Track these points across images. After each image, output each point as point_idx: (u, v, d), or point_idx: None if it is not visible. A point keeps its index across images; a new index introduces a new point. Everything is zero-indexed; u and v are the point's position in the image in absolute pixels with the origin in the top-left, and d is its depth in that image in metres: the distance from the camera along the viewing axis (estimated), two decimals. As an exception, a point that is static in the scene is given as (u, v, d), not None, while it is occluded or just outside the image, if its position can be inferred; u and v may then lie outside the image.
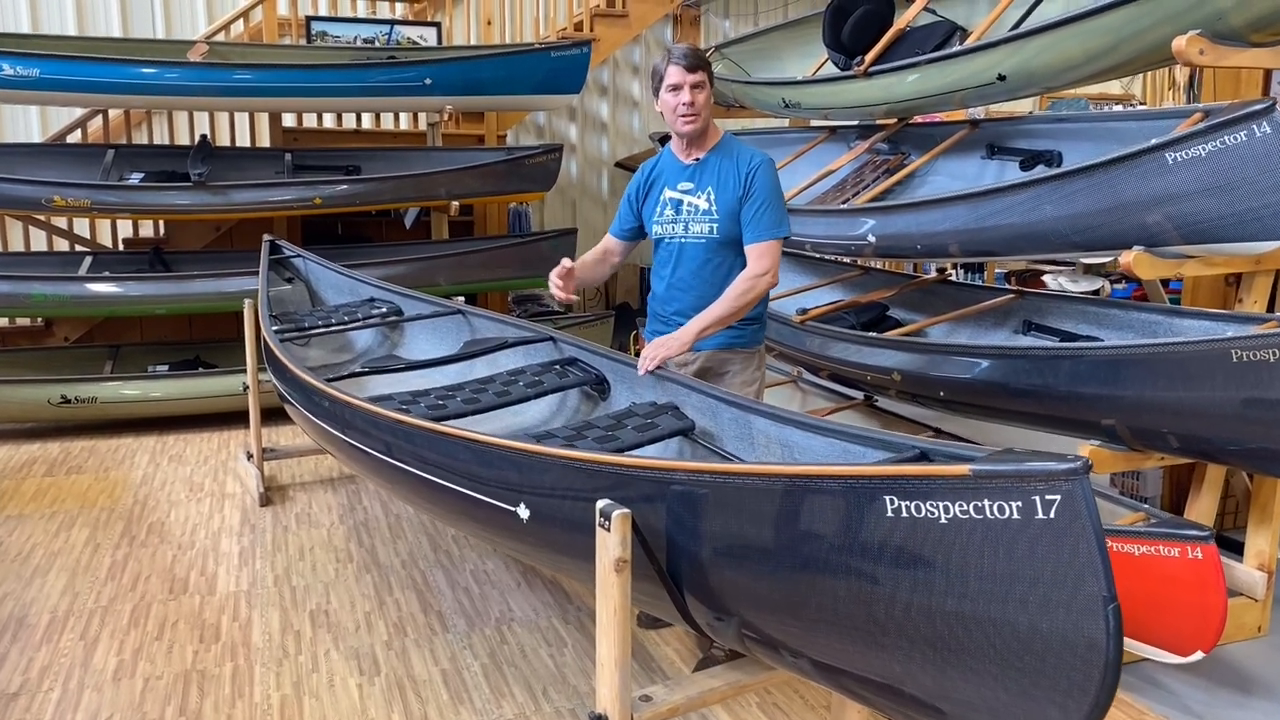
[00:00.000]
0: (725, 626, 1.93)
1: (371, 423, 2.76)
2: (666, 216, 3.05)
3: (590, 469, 1.96)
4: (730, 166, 2.96)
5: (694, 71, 2.89)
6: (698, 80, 2.90)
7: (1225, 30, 2.84)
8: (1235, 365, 2.65)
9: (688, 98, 2.90)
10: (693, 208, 2.99)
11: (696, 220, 2.98)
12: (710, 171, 2.99)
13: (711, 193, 2.96)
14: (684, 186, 3.03)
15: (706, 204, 2.97)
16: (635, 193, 3.18)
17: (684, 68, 2.89)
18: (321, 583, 3.69)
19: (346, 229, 7.44)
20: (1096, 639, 1.32)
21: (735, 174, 2.95)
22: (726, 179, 2.95)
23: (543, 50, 6.47)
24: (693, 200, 2.99)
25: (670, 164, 3.10)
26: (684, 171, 3.04)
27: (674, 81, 2.91)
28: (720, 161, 2.99)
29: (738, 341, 3.04)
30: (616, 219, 3.27)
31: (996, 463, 1.39)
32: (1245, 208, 2.68)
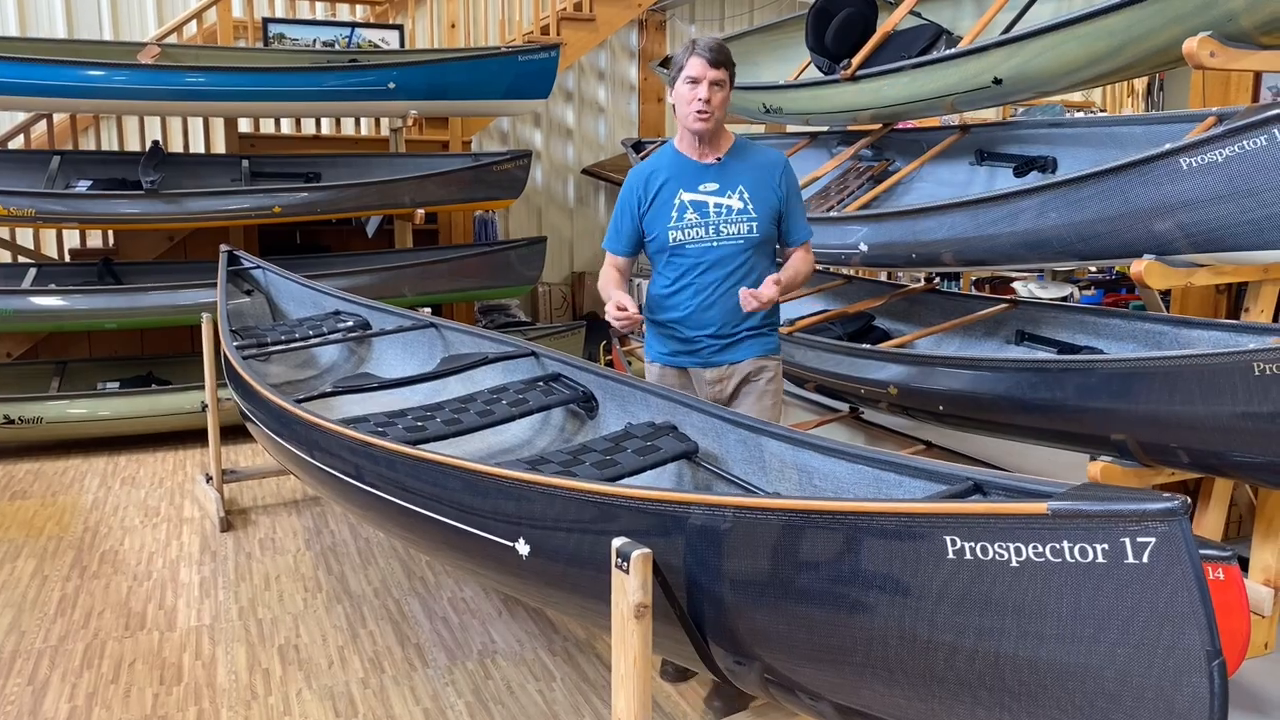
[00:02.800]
0: (748, 672, 1.77)
1: (350, 449, 2.56)
2: (689, 220, 2.82)
3: (603, 502, 1.79)
4: (759, 166, 2.83)
5: (716, 68, 2.71)
6: (718, 77, 2.72)
7: (1235, 32, 2.75)
8: (1258, 378, 2.55)
9: (704, 94, 2.72)
10: (724, 209, 2.79)
11: (730, 221, 2.79)
12: (738, 170, 2.82)
13: (745, 192, 2.79)
14: (708, 187, 2.82)
15: (741, 203, 2.78)
16: (635, 201, 2.92)
17: (707, 61, 2.70)
18: (290, 614, 3.47)
19: (305, 238, 7.20)
20: (1200, 697, 1.19)
21: (768, 173, 2.81)
22: (760, 178, 2.81)
23: (510, 54, 6.29)
24: (722, 200, 2.79)
25: (681, 164, 2.87)
26: (703, 171, 2.84)
27: (693, 74, 2.72)
28: (745, 161, 2.84)
29: (771, 348, 2.95)
30: (614, 235, 3.00)
31: (1078, 500, 1.25)
32: (1262, 215, 2.59)
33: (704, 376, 2.91)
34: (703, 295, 2.84)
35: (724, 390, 2.92)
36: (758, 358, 2.91)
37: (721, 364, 2.89)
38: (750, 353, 2.89)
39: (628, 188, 2.94)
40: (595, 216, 9.33)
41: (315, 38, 6.68)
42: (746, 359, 2.89)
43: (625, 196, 2.94)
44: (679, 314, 2.88)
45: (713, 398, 2.90)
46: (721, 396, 2.92)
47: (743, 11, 9.67)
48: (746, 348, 2.89)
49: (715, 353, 2.88)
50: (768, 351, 2.93)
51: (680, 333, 2.90)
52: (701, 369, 2.90)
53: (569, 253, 9.23)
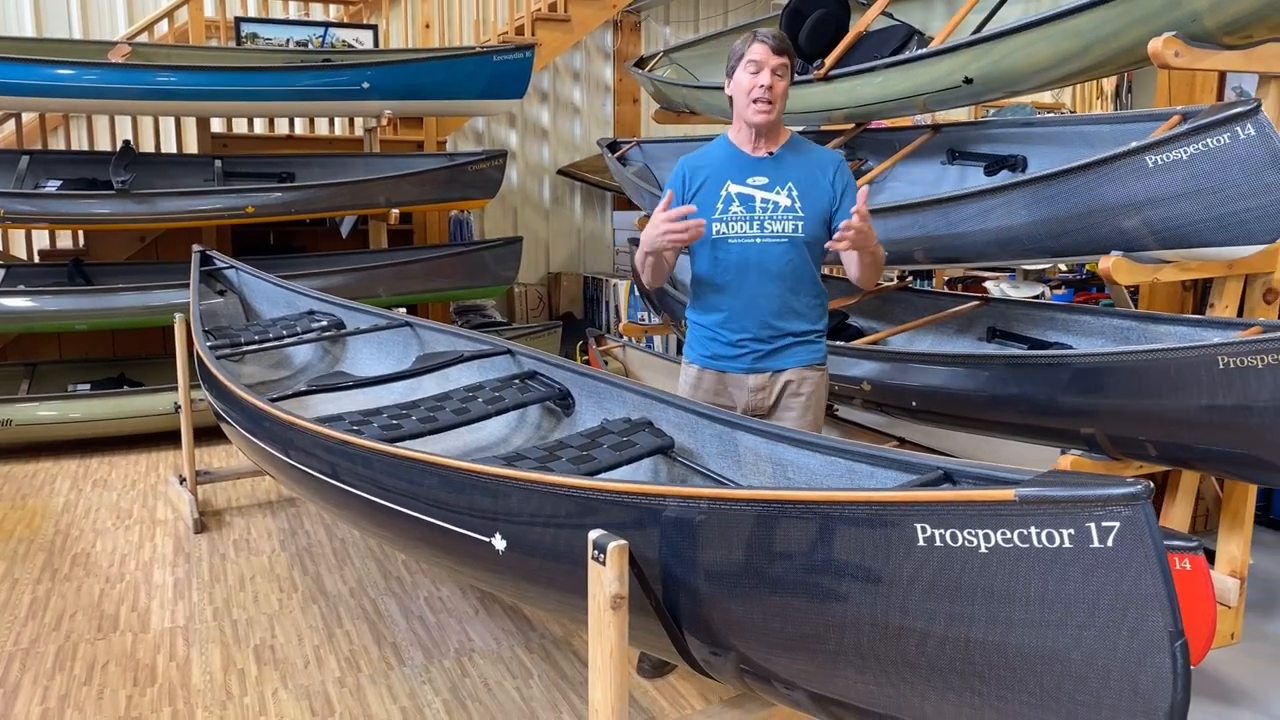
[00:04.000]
0: (723, 662, 1.79)
1: (326, 447, 2.55)
2: (733, 213, 2.67)
3: (579, 495, 1.80)
4: (812, 165, 2.70)
5: (780, 54, 2.57)
6: (781, 64, 2.58)
7: (1199, 32, 2.80)
8: (1223, 372, 2.60)
9: (767, 80, 2.57)
10: (770, 204, 2.65)
11: (776, 218, 2.65)
12: (790, 167, 2.69)
13: (794, 189, 2.66)
14: (756, 181, 2.68)
15: (789, 200, 2.65)
16: (680, 188, 2.76)
17: (770, 48, 2.56)
18: (265, 615, 3.46)
19: (279, 238, 7.15)
20: (1163, 677, 1.21)
21: (821, 173, 2.69)
22: (812, 177, 2.68)
23: (485, 54, 6.28)
24: (769, 196, 2.66)
25: (730, 156, 2.73)
26: (754, 165, 2.70)
27: (756, 58, 2.58)
28: (799, 158, 2.71)
29: (818, 357, 2.80)
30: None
31: (1045, 487, 1.27)
32: (1227, 211, 2.64)
33: (746, 383, 2.75)
34: (745, 295, 2.69)
35: (765, 401, 2.77)
36: (802, 367, 2.75)
37: (764, 371, 2.74)
38: (795, 361, 2.75)
39: (675, 174, 2.81)
40: (571, 217, 9.34)
41: (288, 37, 6.64)
42: (790, 368, 2.75)
43: (672, 183, 2.81)
44: (720, 313, 2.75)
45: (751, 408, 2.77)
46: (762, 408, 2.78)
47: (717, 13, 9.71)
48: (791, 355, 2.74)
49: (759, 359, 2.73)
50: (813, 361, 2.78)
51: (721, 334, 2.76)
52: (743, 375, 2.75)
53: (545, 253, 9.23)
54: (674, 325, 5.08)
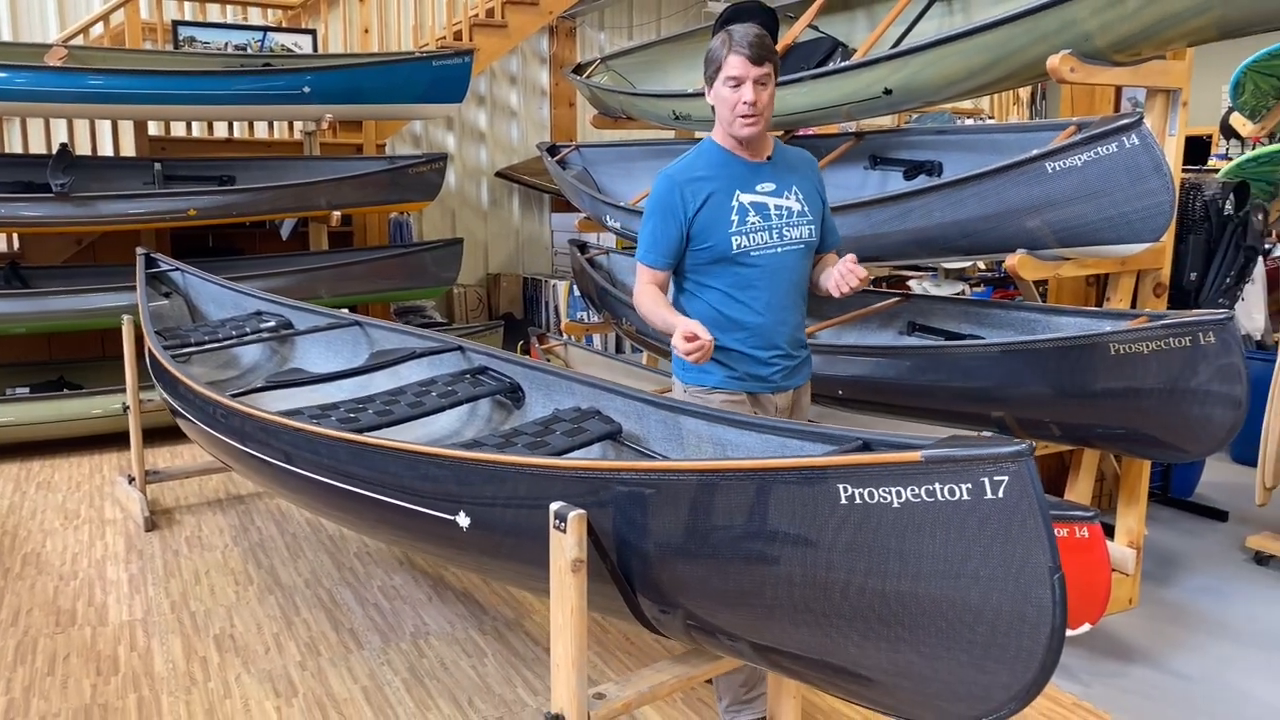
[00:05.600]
0: (672, 619, 1.98)
1: (294, 439, 2.69)
2: (752, 224, 2.49)
3: (539, 473, 1.98)
4: (800, 166, 2.61)
5: (760, 64, 2.39)
6: (763, 74, 2.41)
7: (1091, 50, 3.09)
8: (1114, 358, 2.88)
9: (750, 96, 2.40)
10: (785, 210, 2.52)
11: (792, 224, 2.52)
12: (789, 170, 2.57)
13: (798, 193, 2.54)
14: (765, 188, 2.52)
15: (798, 204, 2.53)
16: (680, 206, 2.50)
17: (748, 58, 2.38)
18: (223, 606, 3.56)
19: (219, 241, 7.17)
20: (1045, 605, 1.44)
21: (809, 173, 2.61)
22: (805, 180, 2.58)
23: (424, 59, 6.40)
24: (780, 202, 2.52)
25: (729, 163, 2.52)
26: (758, 171, 2.53)
27: (735, 74, 2.40)
28: (789, 161, 2.60)
29: (810, 368, 2.74)
30: (654, 247, 2.56)
31: (946, 448, 1.49)
32: (1117, 213, 2.92)
33: (774, 403, 2.59)
34: (772, 309, 2.53)
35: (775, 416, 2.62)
36: (808, 382, 2.71)
37: (788, 388, 2.62)
38: (806, 376, 2.68)
39: (666, 193, 2.53)
40: (509, 219, 9.47)
41: (227, 41, 6.68)
42: (802, 383, 2.67)
43: (665, 203, 2.53)
44: (745, 332, 2.53)
45: None
46: None
47: (650, 20, 9.93)
48: (805, 370, 2.66)
49: (786, 375, 2.59)
50: (810, 374, 2.74)
51: (748, 353, 2.54)
52: (772, 395, 2.59)
53: (484, 254, 9.35)
54: (615, 324, 5.27)
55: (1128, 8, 2.94)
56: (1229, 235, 4.19)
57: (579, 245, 5.80)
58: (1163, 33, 2.96)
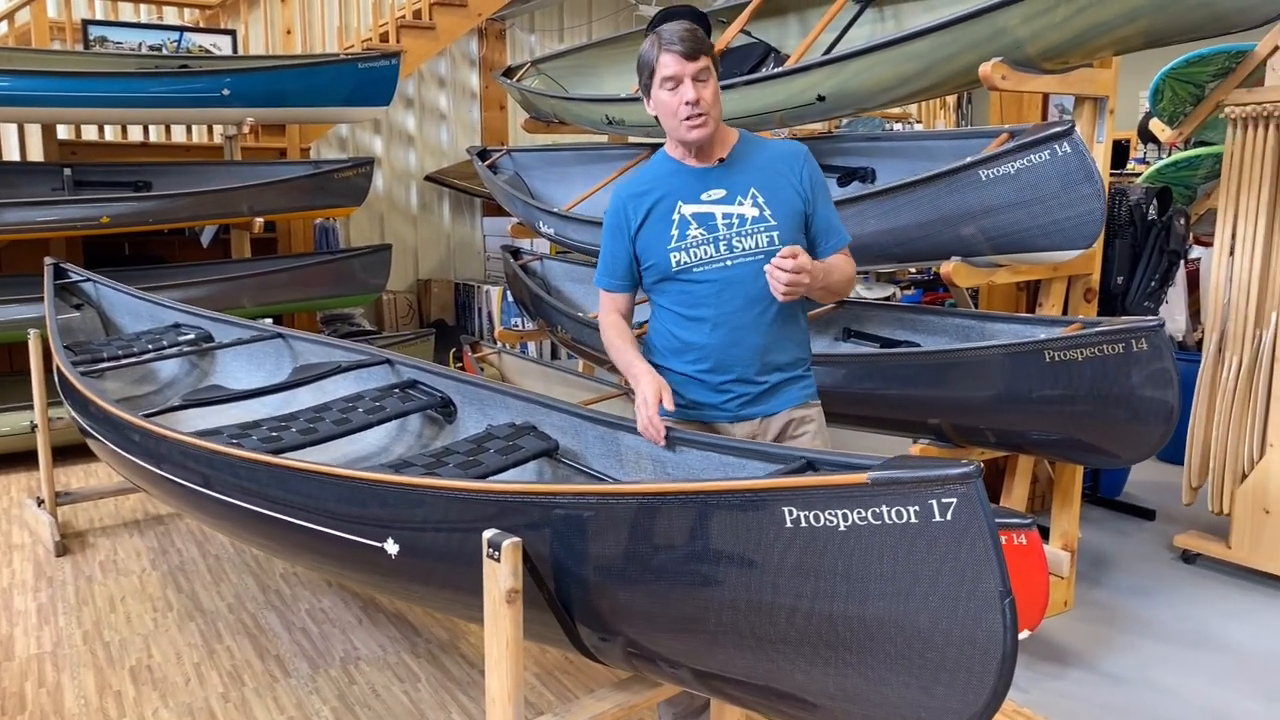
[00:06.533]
0: (612, 647, 1.92)
1: (209, 461, 2.56)
2: (693, 238, 2.27)
3: (471, 498, 1.90)
4: (772, 164, 2.30)
5: (694, 58, 2.18)
6: (700, 69, 2.19)
7: (1022, 58, 3.10)
8: (1048, 365, 2.89)
9: (690, 94, 2.18)
10: (735, 219, 2.26)
11: (745, 233, 2.25)
12: (746, 171, 2.29)
13: (758, 195, 2.26)
14: (712, 195, 2.28)
15: (755, 210, 2.25)
16: (624, 221, 2.36)
17: (681, 54, 2.18)
18: (139, 635, 3.39)
19: (135, 249, 6.90)
20: (995, 631, 1.40)
21: (784, 171, 2.30)
22: (774, 178, 2.28)
23: (349, 61, 6.24)
24: (731, 209, 2.26)
25: (675, 172, 2.33)
26: (703, 178, 2.30)
27: (670, 73, 2.19)
28: (753, 159, 2.31)
29: (810, 393, 2.43)
30: (606, 268, 2.42)
31: (893, 470, 1.45)
32: (1049, 220, 2.93)
33: (732, 433, 2.35)
34: (721, 330, 2.29)
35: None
36: (796, 407, 2.38)
37: (752, 417, 2.35)
38: (787, 402, 2.37)
39: (613, 208, 2.40)
40: (439, 223, 9.31)
41: (140, 41, 6.43)
42: (783, 410, 2.36)
43: (612, 221, 2.40)
44: (694, 354, 2.33)
45: None
46: None
47: (581, 23, 9.86)
48: (783, 395, 2.36)
49: (746, 403, 2.34)
50: (806, 398, 2.41)
51: (696, 377, 2.34)
52: (730, 424, 2.35)
53: (414, 260, 9.18)
54: (550, 331, 5.19)
55: (1057, 16, 2.96)
56: (1153, 240, 4.26)
57: (512, 251, 5.70)
58: (1092, 41, 2.98)
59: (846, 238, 2.39)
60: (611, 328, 2.42)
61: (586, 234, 4.56)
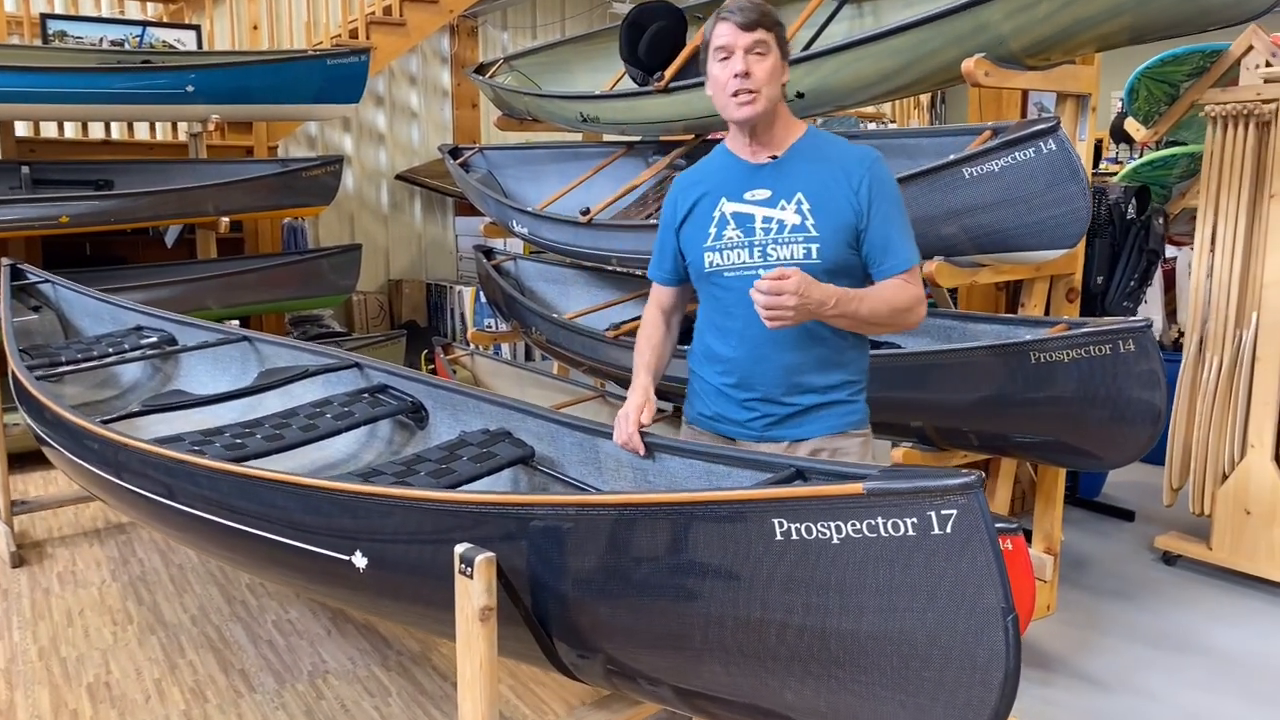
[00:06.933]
0: (591, 664, 1.83)
1: (168, 469, 2.44)
2: (728, 239, 2.10)
3: (443, 509, 1.81)
4: (829, 168, 2.08)
5: (751, 29, 2.00)
6: (756, 41, 2.01)
7: (1005, 54, 3.05)
8: (1034, 366, 2.84)
9: (740, 66, 2.00)
10: (774, 224, 2.07)
11: (782, 241, 2.06)
12: (796, 173, 2.09)
13: (803, 201, 2.06)
14: (756, 195, 2.10)
15: (797, 217, 2.05)
16: (673, 212, 2.23)
17: (737, 24, 2.01)
18: (98, 650, 3.26)
19: (96, 249, 6.73)
20: (997, 650, 1.33)
21: (841, 177, 2.07)
22: (827, 183, 2.07)
23: (318, 58, 6.11)
24: (772, 213, 2.07)
25: (727, 166, 2.17)
26: (752, 175, 2.12)
27: (722, 42, 2.03)
28: (810, 160, 2.10)
29: (854, 420, 2.17)
30: (655, 257, 2.31)
31: (890, 480, 1.38)
32: (1034, 219, 2.87)
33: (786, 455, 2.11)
34: (748, 344, 2.11)
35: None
36: (832, 435, 2.14)
37: (780, 439, 2.14)
38: (822, 427, 2.13)
39: (669, 196, 2.27)
40: (411, 223, 9.18)
41: (102, 36, 6.26)
42: (815, 436, 2.13)
43: (665, 207, 2.28)
44: (721, 365, 2.17)
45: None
46: None
47: (554, 20, 9.76)
48: (816, 420, 2.13)
49: (771, 424, 2.14)
50: (849, 425, 2.16)
51: (724, 391, 2.18)
52: (755, 444, 2.16)
53: (385, 260, 9.04)
54: (524, 333, 5.09)
55: (1041, 11, 2.90)
56: (1133, 239, 4.24)
57: (485, 251, 5.60)
58: (1076, 36, 2.94)
59: (908, 261, 2.09)
60: (643, 326, 2.35)
61: (561, 233, 4.47)
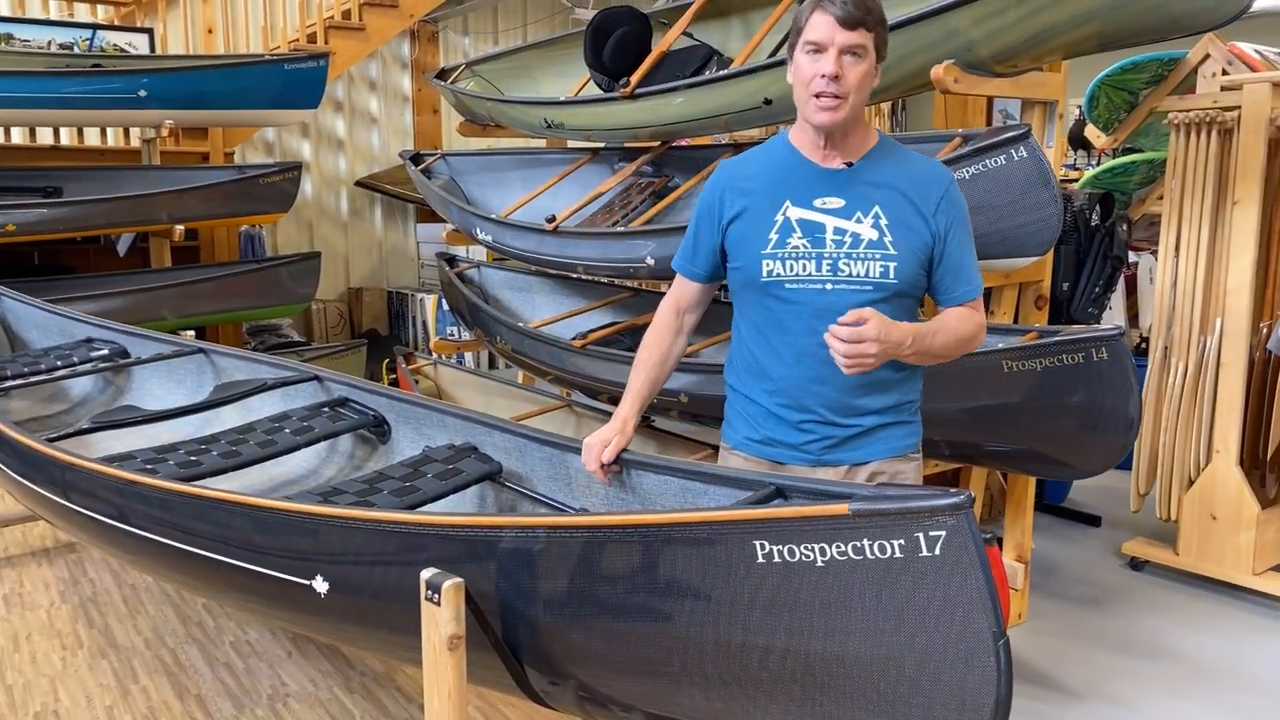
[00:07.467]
0: (564, 691, 1.77)
1: (118, 490, 2.34)
2: (793, 248, 1.92)
3: (408, 531, 1.73)
4: (906, 183, 1.94)
5: (852, 27, 1.81)
6: (855, 43, 1.82)
7: (974, 61, 3.03)
8: (1006, 375, 2.81)
9: (830, 66, 1.82)
10: (847, 236, 1.90)
11: (856, 257, 1.89)
12: (873, 184, 1.93)
13: (881, 216, 1.90)
14: (827, 203, 1.92)
15: (874, 233, 1.90)
16: (718, 206, 2.02)
17: (837, 19, 1.80)
18: (46, 677, 3.13)
19: (45, 258, 6.55)
20: (988, 675, 1.29)
21: (918, 194, 1.93)
22: (904, 200, 1.93)
23: (275, 63, 6.00)
24: (845, 225, 1.91)
25: (792, 166, 1.98)
26: (823, 180, 1.95)
27: (816, 37, 1.84)
28: (887, 173, 1.95)
29: (911, 443, 2.07)
30: (686, 249, 2.11)
31: (876, 500, 1.33)
32: (1005, 226, 2.86)
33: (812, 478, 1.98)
34: (807, 363, 1.94)
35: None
36: (893, 458, 2.02)
37: (838, 464, 2.00)
38: (882, 450, 2.01)
39: (713, 186, 2.06)
40: (371, 230, 9.05)
41: (50, 39, 6.10)
42: (875, 460, 2.01)
43: (706, 201, 2.06)
44: (771, 383, 2.00)
45: None
46: None
47: (516, 26, 9.68)
48: (877, 442, 2.01)
49: (829, 447, 2.00)
50: (908, 448, 2.06)
51: (775, 412, 2.01)
52: (811, 468, 2.01)
53: (344, 268, 8.90)
54: (488, 341, 5.01)
55: (1010, 18, 2.89)
56: (1097, 245, 4.25)
57: (448, 259, 5.51)
58: (1045, 43, 2.93)
59: (978, 290, 2.00)
60: (651, 330, 2.14)
61: (526, 241, 4.40)
